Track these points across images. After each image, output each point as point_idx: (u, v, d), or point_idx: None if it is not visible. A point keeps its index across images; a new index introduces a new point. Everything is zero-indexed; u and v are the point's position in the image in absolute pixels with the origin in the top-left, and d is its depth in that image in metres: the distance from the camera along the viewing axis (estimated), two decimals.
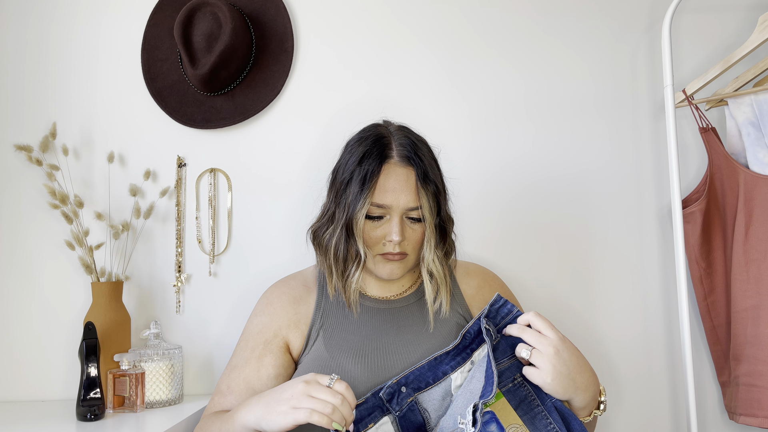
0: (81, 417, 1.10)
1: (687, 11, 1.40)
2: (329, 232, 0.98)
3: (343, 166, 0.98)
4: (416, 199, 0.94)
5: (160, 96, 1.38)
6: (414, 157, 0.95)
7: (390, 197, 0.93)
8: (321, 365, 0.95)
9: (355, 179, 0.94)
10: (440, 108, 1.39)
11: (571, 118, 1.39)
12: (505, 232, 1.37)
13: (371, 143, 0.96)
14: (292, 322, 1.02)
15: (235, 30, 1.29)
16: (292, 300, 1.04)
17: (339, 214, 0.96)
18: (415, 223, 0.97)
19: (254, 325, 1.04)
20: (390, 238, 0.94)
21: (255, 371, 0.99)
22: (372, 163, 0.93)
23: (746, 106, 1.24)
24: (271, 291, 1.08)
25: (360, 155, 0.95)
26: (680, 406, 1.32)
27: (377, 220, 0.95)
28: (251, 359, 1.00)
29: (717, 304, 1.28)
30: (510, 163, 1.38)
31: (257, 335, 1.02)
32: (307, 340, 1.01)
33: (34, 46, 1.41)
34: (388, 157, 0.95)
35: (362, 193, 0.92)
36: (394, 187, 0.93)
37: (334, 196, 0.99)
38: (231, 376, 1.01)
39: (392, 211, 0.94)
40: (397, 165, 0.95)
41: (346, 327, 1.00)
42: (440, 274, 0.99)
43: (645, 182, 1.37)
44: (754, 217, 1.19)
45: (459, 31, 1.41)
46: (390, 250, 0.96)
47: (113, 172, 1.38)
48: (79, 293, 1.35)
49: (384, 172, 0.94)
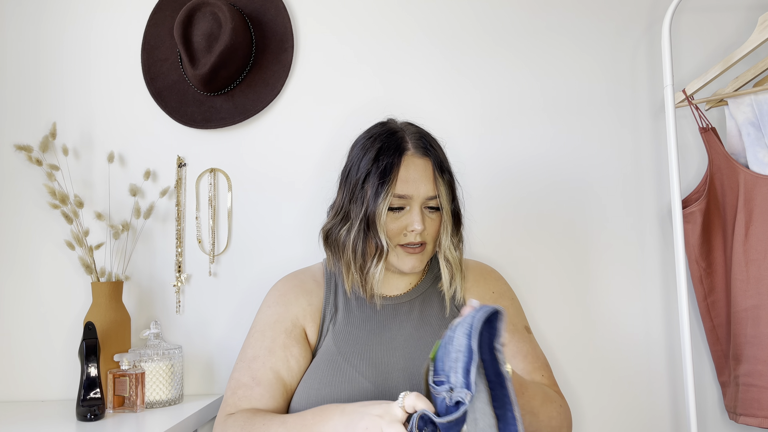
0: (81, 417, 1.10)
1: (687, 11, 1.40)
2: (345, 229, 0.99)
3: (356, 164, 0.99)
4: (434, 188, 0.97)
5: (160, 96, 1.38)
6: (430, 148, 0.99)
7: (411, 187, 0.96)
8: (330, 360, 0.96)
9: (373, 174, 0.95)
10: (440, 107, 1.39)
11: (571, 118, 1.39)
12: (504, 231, 1.37)
13: (385, 138, 0.98)
14: (307, 313, 1.02)
15: (235, 30, 1.29)
16: (305, 291, 1.05)
17: (356, 211, 0.97)
18: (432, 213, 0.99)
19: (268, 316, 1.03)
20: (412, 227, 0.96)
21: (283, 361, 0.97)
22: (391, 156, 0.96)
23: (746, 106, 1.24)
24: (282, 283, 1.08)
25: (376, 151, 0.97)
26: (680, 406, 1.32)
27: (397, 211, 0.97)
28: (275, 349, 0.98)
29: (717, 304, 1.28)
30: (508, 164, 1.38)
31: (274, 324, 1.01)
32: (320, 334, 1.01)
33: (34, 46, 1.41)
34: (406, 149, 0.97)
35: (384, 186, 0.94)
36: (414, 178, 0.96)
37: (348, 195, 1.00)
38: (254, 367, 0.97)
39: (413, 201, 0.97)
40: (414, 156, 0.98)
41: (352, 323, 1.01)
42: (456, 261, 1.02)
43: (645, 182, 1.37)
44: (754, 217, 1.19)
45: (459, 31, 1.41)
46: (411, 240, 0.97)
47: (113, 172, 1.38)
48: (79, 293, 1.35)
49: (404, 163, 0.96)
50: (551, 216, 1.37)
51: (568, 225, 1.37)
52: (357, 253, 0.98)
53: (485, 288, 1.08)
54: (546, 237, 1.36)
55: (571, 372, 1.33)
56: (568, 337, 1.34)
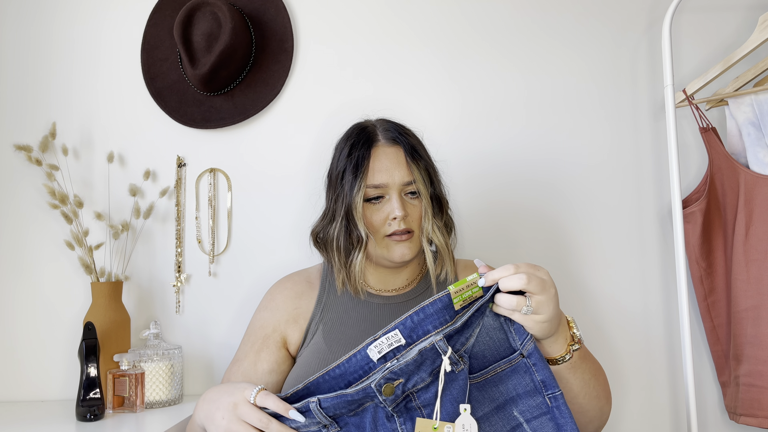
0: (81, 417, 1.10)
1: (687, 11, 1.40)
2: (331, 227, 1.02)
3: (335, 164, 1.04)
4: (409, 174, 0.99)
5: (160, 96, 1.38)
6: (399, 137, 1.02)
7: (384, 176, 0.98)
8: (319, 357, 0.97)
9: (348, 169, 0.99)
10: (441, 106, 1.39)
11: (571, 118, 1.39)
12: (503, 231, 1.37)
13: (356, 135, 1.02)
14: (291, 317, 1.05)
15: (235, 30, 1.28)
16: (294, 295, 1.07)
17: (338, 208, 1.00)
18: (414, 199, 1.01)
19: (257, 320, 1.07)
20: (393, 215, 0.97)
21: (252, 365, 1.01)
22: (361, 150, 0.99)
23: (746, 106, 1.24)
24: (275, 287, 1.11)
25: (349, 148, 1.01)
26: (680, 406, 1.32)
27: (377, 202, 0.99)
28: (250, 353, 1.03)
29: (717, 304, 1.27)
30: (509, 163, 1.38)
31: (258, 330, 1.05)
32: (305, 334, 1.03)
33: (34, 46, 1.41)
34: (375, 141, 1.01)
35: (356, 178, 0.97)
36: (386, 166, 0.99)
37: (332, 195, 1.03)
38: (231, 370, 1.03)
39: (390, 189, 0.99)
40: (384, 146, 1.01)
41: (346, 321, 1.02)
42: (441, 243, 1.02)
43: (645, 182, 1.37)
44: (755, 217, 1.19)
45: (459, 31, 1.41)
46: (396, 228, 0.98)
47: (113, 172, 1.38)
48: (79, 293, 1.35)
49: (373, 155, 0.99)
50: (551, 216, 1.37)
51: (567, 225, 1.37)
52: (341, 248, 1.00)
53: None
54: (545, 237, 1.36)
55: None
56: None
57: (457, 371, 0.79)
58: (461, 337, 0.80)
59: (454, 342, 0.79)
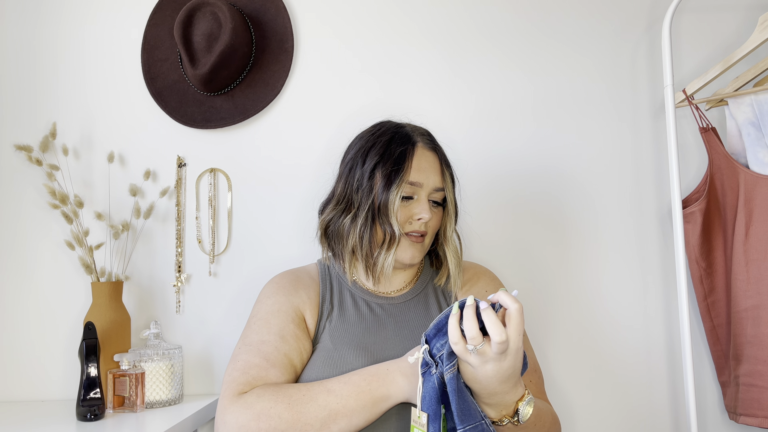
0: (81, 417, 1.10)
1: (687, 11, 1.40)
2: (349, 218, 1.00)
3: (362, 154, 1.01)
4: (441, 180, 1.02)
5: (160, 96, 1.38)
6: (437, 145, 1.05)
7: (423, 176, 0.99)
8: (326, 357, 0.96)
9: (383, 162, 0.98)
10: (441, 106, 1.39)
11: (571, 118, 1.39)
12: (503, 231, 1.37)
13: (395, 130, 1.02)
14: (306, 306, 1.02)
15: (235, 30, 1.29)
16: (303, 285, 1.05)
17: (362, 200, 0.99)
18: (435, 207, 1.03)
19: (269, 305, 1.01)
20: (420, 216, 0.98)
21: (297, 352, 0.96)
22: (404, 145, 0.99)
23: (746, 106, 1.24)
24: (280, 277, 1.08)
25: (384, 142, 1.00)
26: (680, 406, 1.32)
27: (405, 201, 1.00)
28: (287, 337, 0.96)
29: (717, 304, 1.27)
30: (509, 163, 1.38)
31: (278, 313, 0.99)
32: (317, 328, 1.01)
33: (34, 47, 1.41)
34: (417, 141, 1.02)
35: (398, 173, 0.97)
36: (425, 167, 1.00)
37: (352, 185, 1.01)
38: (264, 350, 0.94)
39: (421, 191, 1.00)
40: (424, 149, 1.02)
41: (347, 320, 1.02)
42: (458, 251, 1.06)
43: (645, 182, 1.37)
44: (755, 217, 1.19)
45: (460, 31, 1.41)
46: (416, 228, 1.00)
47: (113, 172, 1.38)
48: (79, 293, 1.35)
49: (416, 153, 1.00)
50: (550, 216, 1.37)
51: (567, 225, 1.37)
52: (363, 241, 0.99)
53: (479, 287, 1.09)
54: (545, 237, 1.36)
55: (571, 372, 1.33)
56: (568, 337, 1.34)
57: (433, 373, 0.80)
58: (437, 342, 0.82)
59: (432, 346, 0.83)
